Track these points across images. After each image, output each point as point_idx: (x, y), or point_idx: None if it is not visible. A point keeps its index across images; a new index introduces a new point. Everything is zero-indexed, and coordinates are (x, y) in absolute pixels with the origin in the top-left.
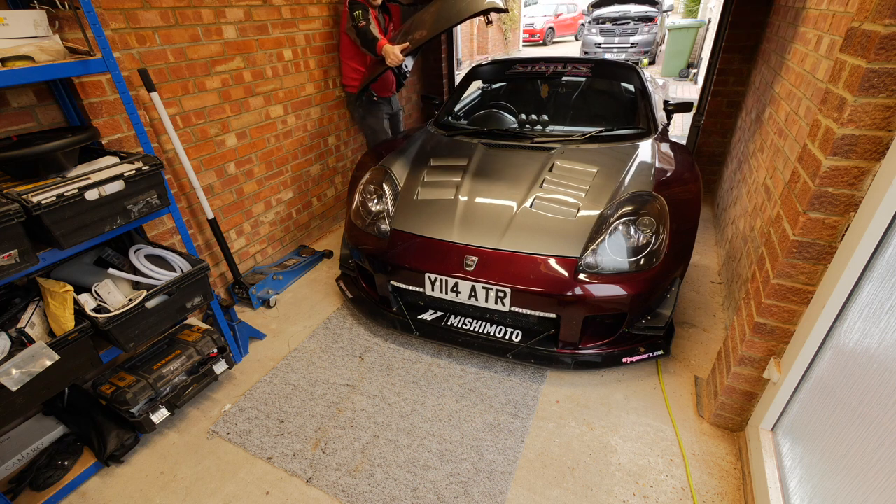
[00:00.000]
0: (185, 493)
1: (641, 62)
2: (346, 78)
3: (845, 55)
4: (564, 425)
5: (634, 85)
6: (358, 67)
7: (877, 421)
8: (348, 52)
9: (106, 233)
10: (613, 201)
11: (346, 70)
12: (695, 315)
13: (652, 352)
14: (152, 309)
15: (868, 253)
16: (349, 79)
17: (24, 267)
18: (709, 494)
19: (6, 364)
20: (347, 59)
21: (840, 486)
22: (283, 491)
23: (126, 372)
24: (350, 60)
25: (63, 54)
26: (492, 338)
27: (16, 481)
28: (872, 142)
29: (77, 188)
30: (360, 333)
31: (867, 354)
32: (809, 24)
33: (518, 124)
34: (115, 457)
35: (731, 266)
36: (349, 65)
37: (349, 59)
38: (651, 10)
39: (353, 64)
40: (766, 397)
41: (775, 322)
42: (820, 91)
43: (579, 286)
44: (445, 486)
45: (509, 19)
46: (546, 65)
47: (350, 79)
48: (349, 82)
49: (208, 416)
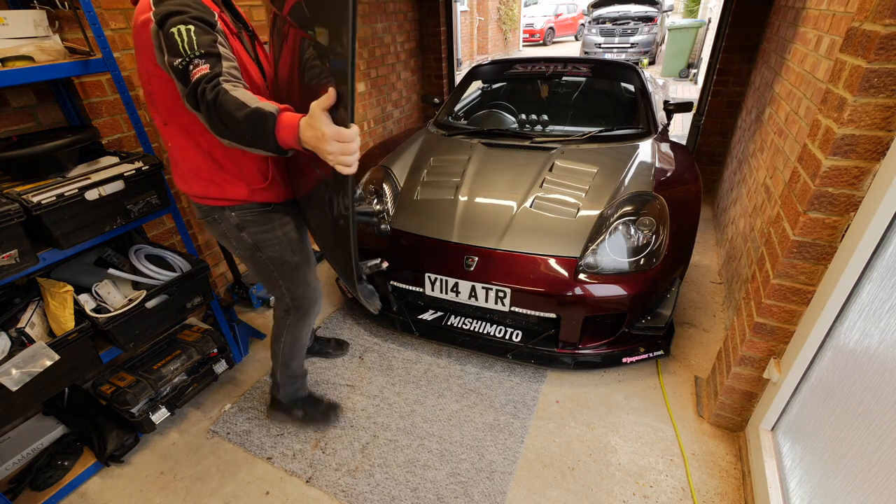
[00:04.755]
0: (185, 493)
1: (641, 62)
2: (180, 170)
3: (845, 55)
4: (564, 425)
5: (634, 85)
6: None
7: (877, 421)
8: (172, 110)
9: (106, 233)
10: (613, 201)
11: (181, 150)
12: (695, 315)
13: (652, 352)
14: (152, 309)
15: (868, 253)
16: (189, 173)
17: (24, 267)
18: (709, 494)
19: (6, 364)
20: (173, 129)
21: (840, 486)
22: (283, 491)
23: (126, 372)
24: (179, 131)
25: (63, 54)
26: (492, 338)
27: (16, 481)
28: (872, 142)
29: (77, 188)
30: (359, 333)
31: (867, 354)
32: (809, 24)
33: (518, 124)
34: (115, 457)
35: (731, 266)
36: (182, 139)
37: (176, 129)
38: (651, 10)
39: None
40: (766, 397)
41: (775, 322)
42: (820, 91)
43: (579, 286)
44: (445, 487)
45: (509, 19)
46: (546, 65)
47: (191, 171)
48: (191, 186)
49: (208, 416)
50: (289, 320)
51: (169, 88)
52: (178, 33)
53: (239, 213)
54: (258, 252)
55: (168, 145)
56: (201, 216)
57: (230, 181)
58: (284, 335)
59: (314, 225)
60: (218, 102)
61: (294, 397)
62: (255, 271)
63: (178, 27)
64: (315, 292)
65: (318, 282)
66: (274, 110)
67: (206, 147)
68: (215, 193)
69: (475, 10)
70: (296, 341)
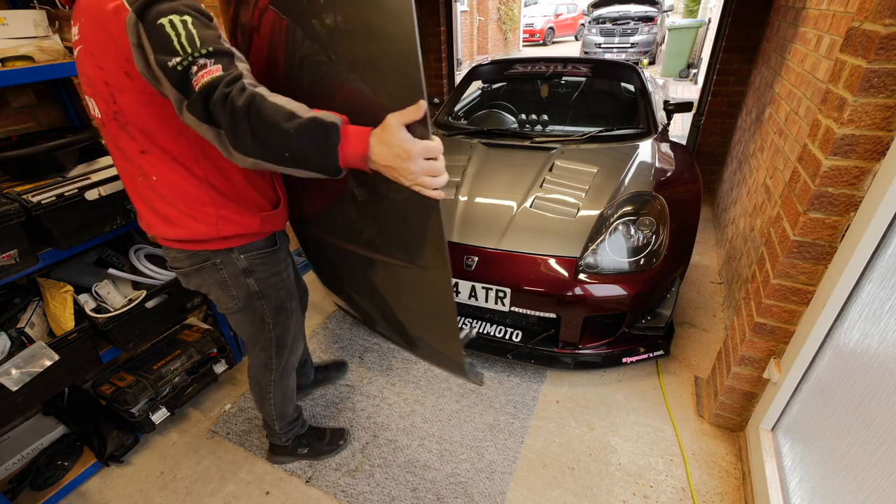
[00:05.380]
0: (185, 493)
1: (641, 62)
2: (167, 213)
3: (845, 55)
4: (564, 425)
5: (634, 85)
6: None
7: (877, 421)
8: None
9: (106, 233)
10: (613, 201)
11: (170, 184)
12: (695, 315)
13: (652, 352)
14: (152, 309)
15: (868, 253)
16: (186, 213)
17: (24, 267)
18: (709, 494)
19: (6, 364)
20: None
21: (840, 486)
22: (283, 491)
23: (126, 372)
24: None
25: (63, 54)
26: (492, 338)
27: (16, 481)
28: (872, 142)
29: (77, 188)
30: (359, 333)
31: (867, 354)
32: (809, 24)
33: (518, 124)
34: (115, 457)
35: (731, 266)
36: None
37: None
38: (651, 10)
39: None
40: (766, 397)
41: (775, 322)
42: (820, 91)
43: (579, 286)
44: (445, 487)
45: (509, 19)
46: (546, 65)
47: (189, 210)
48: (189, 229)
49: (208, 416)
50: (272, 376)
51: (147, 102)
52: (170, 25)
53: (248, 254)
54: (259, 301)
55: (147, 181)
56: (189, 265)
57: (239, 211)
58: (272, 393)
59: (362, 299)
60: (254, 110)
61: (296, 437)
62: (247, 323)
63: (171, 17)
64: (302, 333)
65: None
66: (337, 120)
67: (203, 175)
68: (228, 230)
69: (475, 10)
70: (285, 391)
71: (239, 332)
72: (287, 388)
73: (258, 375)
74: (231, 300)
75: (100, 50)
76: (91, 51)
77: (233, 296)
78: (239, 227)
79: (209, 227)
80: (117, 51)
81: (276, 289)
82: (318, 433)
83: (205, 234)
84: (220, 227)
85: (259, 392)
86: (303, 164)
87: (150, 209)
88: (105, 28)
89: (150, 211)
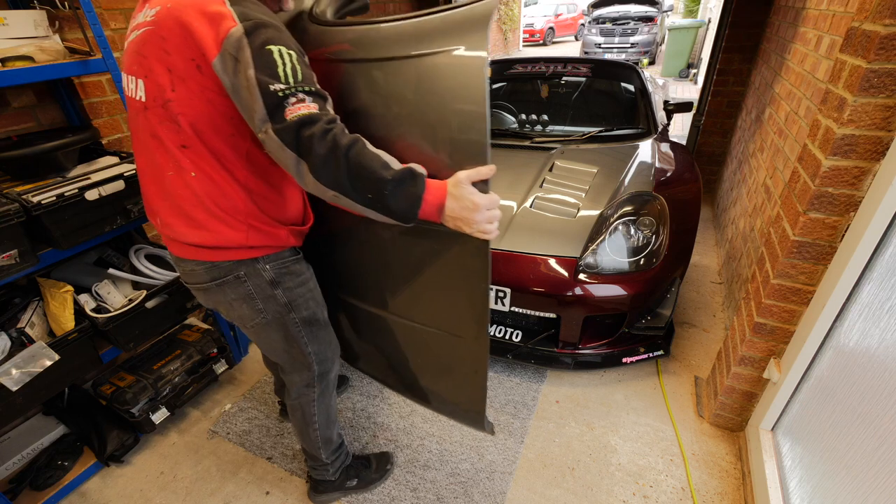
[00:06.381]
0: (185, 493)
1: (641, 62)
2: (196, 214)
3: (845, 55)
4: (564, 425)
5: (634, 85)
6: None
7: (877, 421)
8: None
9: (106, 233)
10: (613, 201)
11: (209, 183)
12: (695, 315)
13: (652, 352)
14: (152, 309)
15: (868, 253)
16: (219, 216)
17: (24, 267)
18: (709, 494)
19: (6, 364)
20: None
21: (840, 486)
22: (283, 491)
23: (126, 372)
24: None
25: (63, 54)
26: (492, 338)
27: (16, 481)
28: (872, 142)
29: (77, 188)
30: None
31: (867, 354)
32: (809, 24)
33: (518, 124)
34: (115, 457)
35: (731, 266)
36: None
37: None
38: (651, 10)
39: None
40: (766, 397)
41: (775, 322)
42: (820, 91)
43: (579, 286)
44: (445, 487)
45: (509, 19)
46: (546, 65)
47: (223, 213)
48: (218, 234)
49: (208, 416)
50: (315, 393)
51: (209, 100)
52: (278, 54)
53: (274, 263)
54: (291, 314)
55: (182, 177)
56: (208, 280)
57: (271, 223)
58: (316, 413)
59: (371, 355)
60: (355, 152)
61: (343, 469)
62: (278, 340)
63: (279, 47)
64: (336, 342)
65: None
66: (424, 172)
67: (243, 180)
68: (256, 240)
69: None
70: (328, 410)
71: (271, 353)
72: (330, 408)
73: (301, 397)
74: (257, 314)
75: (176, 37)
76: (163, 34)
77: (259, 309)
78: (268, 237)
79: (238, 234)
80: (194, 44)
81: (306, 299)
82: (364, 461)
83: (233, 241)
84: (250, 236)
85: (302, 417)
86: (382, 207)
87: (175, 208)
88: (194, 21)
89: (175, 210)
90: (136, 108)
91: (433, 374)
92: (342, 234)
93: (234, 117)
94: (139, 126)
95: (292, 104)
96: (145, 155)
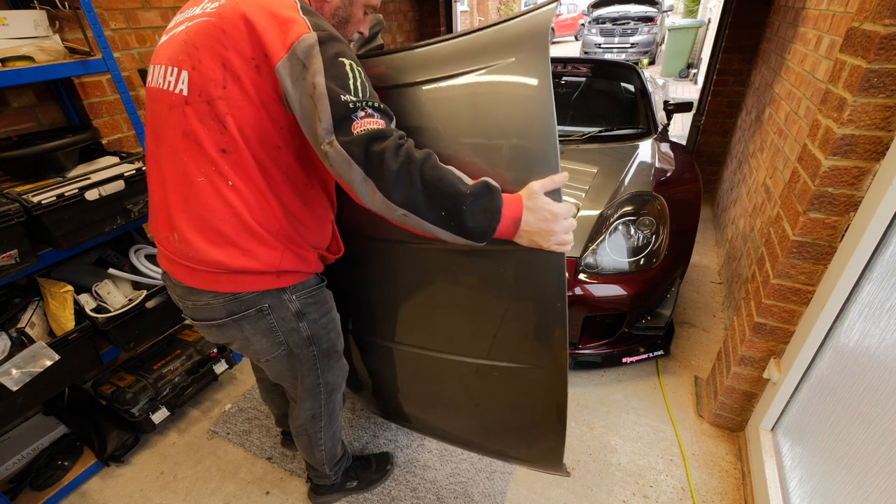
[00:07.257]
0: (185, 493)
1: (641, 62)
2: (224, 230)
3: (845, 55)
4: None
5: (634, 85)
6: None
7: (877, 421)
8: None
9: (106, 233)
10: (613, 201)
11: (248, 196)
12: (695, 315)
13: (652, 352)
14: (152, 309)
15: (868, 253)
16: (253, 233)
17: (24, 267)
18: (709, 494)
19: (6, 364)
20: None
21: (840, 486)
22: (283, 490)
23: (126, 372)
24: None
25: (63, 54)
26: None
27: (16, 481)
28: (872, 142)
29: (77, 188)
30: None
31: (867, 354)
32: (809, 24)
33: None
34: (115, 457)
35: (731, 266)
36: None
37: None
38: (651, 11)
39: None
40: (766, 397)
41: (775, 322)
42: (820, 91)
43: (579, 286)
44: (445, 487)
45: None
46: None
47: (259, 231)
48: (248, 256)
49: (208, 416)
50: (321, 423)
51: (262, 104)
52: (349, 67)
53: (300, 293)
54: (311, 346)
55: (214, 185)
56: (226, 315)
57: (304, 247)
58: (322, 439)
59: (417, 406)
60: (430, 167)
61: (343, 471)
62: (288, 368)
63: (350, 62)
64: (346, 365)
65: None
66: (498, 186)
67: (282, 196)
68: (289, 264)
69: (475, 10)
70: (335, 432)
71: (277, 377)
72: (336, 429)
73: (306, 426)
74: (276, 347)
75: (238, 32)
76: (224, 28)
77: (280, 342)
78: (301, 262)
79: (274, 254)
80: (258, 43)
81: (328, 330)
82: (364, 462)
83: (265, 262)
84: (285, 258)
85: (308, 441)
86: (457, 224)
87: (200, 220)
88: (262, 21)
89: (199, 223)
90: (171, 103)
91: (506, 417)
92: (377, 268)
93: (285, 128)
94: (169, 122)
95: (361, 118)
96: (171, 157)
